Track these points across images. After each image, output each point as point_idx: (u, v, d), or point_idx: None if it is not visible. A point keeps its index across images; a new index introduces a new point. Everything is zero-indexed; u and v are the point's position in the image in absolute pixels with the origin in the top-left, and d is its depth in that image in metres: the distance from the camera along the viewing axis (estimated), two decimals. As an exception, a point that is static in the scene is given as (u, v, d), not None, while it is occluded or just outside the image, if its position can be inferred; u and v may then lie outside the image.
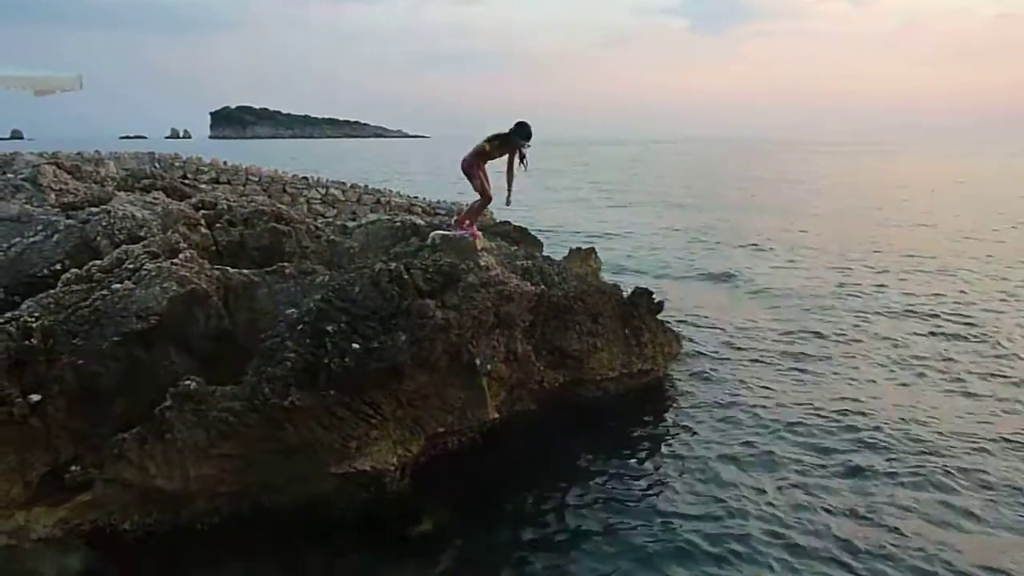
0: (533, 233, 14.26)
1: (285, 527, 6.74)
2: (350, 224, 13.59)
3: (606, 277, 14.49)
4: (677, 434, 9.33)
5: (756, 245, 24.72)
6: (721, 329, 13.94)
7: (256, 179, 22.73)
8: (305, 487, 7.11)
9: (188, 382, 6.89)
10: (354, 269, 8.63)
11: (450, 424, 7.81)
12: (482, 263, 8.44)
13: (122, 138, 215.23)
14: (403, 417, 7.51)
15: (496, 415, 8.14)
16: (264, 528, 6.75)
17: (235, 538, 6.67)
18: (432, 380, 7.59)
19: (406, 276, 7.92)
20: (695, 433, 9.31)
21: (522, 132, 8.57)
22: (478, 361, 7.73)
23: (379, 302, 7.64)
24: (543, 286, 9.21)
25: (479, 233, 9.29)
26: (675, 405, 10.31)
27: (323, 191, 22.27)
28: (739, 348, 12.80)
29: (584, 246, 15.96)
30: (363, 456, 7.15)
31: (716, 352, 12.55)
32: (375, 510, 7.16)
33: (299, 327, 7.45)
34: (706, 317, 14.87)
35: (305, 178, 23.31)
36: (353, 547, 6.71)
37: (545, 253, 12.36)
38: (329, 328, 7.37)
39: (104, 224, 9.54)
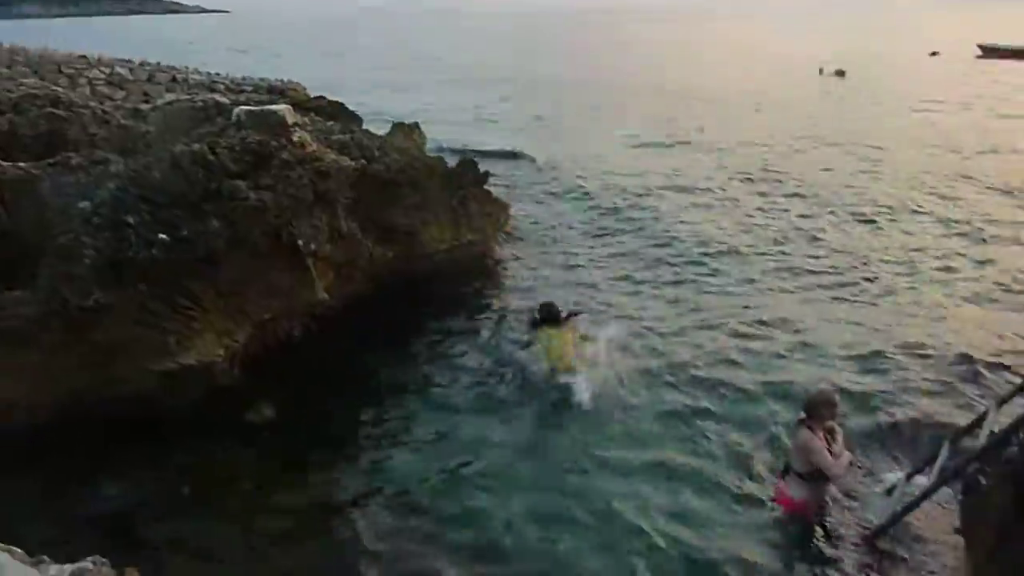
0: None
1: (111, 429, 6.29)
2: (143, 107, 12.31)
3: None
4: (508, 303, 9.59)
5: (594, 117, 25.08)
6: (542, 203, 14.30)
7: (22, 59, 19.81)
8: (127, 387, 6.70)
9: (-34, 290, 6.15)
10: (152, 154, 7.88)
11: (278, 310, 7.58)
12: (295, 139, 7.97)
13: None
14: (225, 307, 7.17)
15: (326, 296, 7.97)
16: (89, 432, 6.26)
17: (57, 444, 6.12)
18: (253, 265, 7.25)
19: (211, 157, 7.34)
20: (525, 297, 9.66)
21: None
22: (301, 242, 7.45)
23: (183, 187, 7.07)
24: (363, 161, 8.90)
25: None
26: (506, 273, 10.58)
27: (107, 71, 19.84)
28: (562, 216, 13.25)
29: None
30: (186, 351, 6.81)
31: (542, 221, 12.94)
32: (207, 403, 6.91)
33: (95, 221, 6.78)
34: (531, 190, 15.16)
35: (84, 56, 20.63)
36: (186, 441, 6.45)
37: (364, 127, 11.86)
38: (130, 219, 6.76)
39: None
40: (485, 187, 10.99)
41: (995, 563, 4.41)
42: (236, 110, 8.47)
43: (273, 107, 8.40)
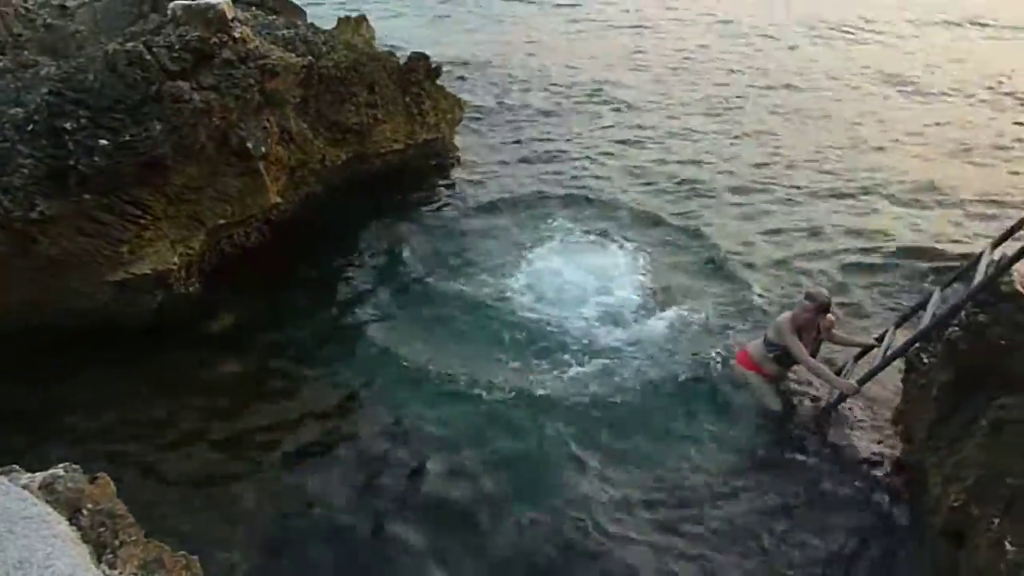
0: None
1: (70, 340, 6.23)
2: (69, 3, 11.51)
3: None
4: (466, 201, 9.52)
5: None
6: (497, 86, 13.96)
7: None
8: (81, 300, 6.61)
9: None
10: (84, 56, 7.45)
11: (231, 215, 7.43)
12: (236, 35, 7.57)
13: None
14: (177, 214, 7.02)
15: (279, 200, 7.83)
16: (49, 344, 6.19)
17: (16, 357, 5.97)
18: (202, 170, 7.05)
19: (148, 56, 6.96)
20: (481, 189, 9.63)
21: None
22: (250, 144, 7.22)
23: (121, 89, 6.74)
24: (310, 57, 8.53)
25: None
26: (462, 171, 10.45)
27: (28, -36, 18.39)
28: (515, 105, 13.01)
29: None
30: (139, 260, 6.70)
31: (496, 110, 12.70)
32: (165, 313, 6.88)
33: (29, 128, 6.47)
34: (483, 75, 14.76)
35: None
36: (147, 351, 6.44)
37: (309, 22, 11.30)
38: (67, 125, 6.46)
39: None
40: (438, 82, 10.66)
41: (934, 439, 4.73)
42: (171, 5, 7.95)
43: (211, 0, 7.93)
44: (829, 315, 5.83)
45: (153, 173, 6.65)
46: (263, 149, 7.43)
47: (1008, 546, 3.60)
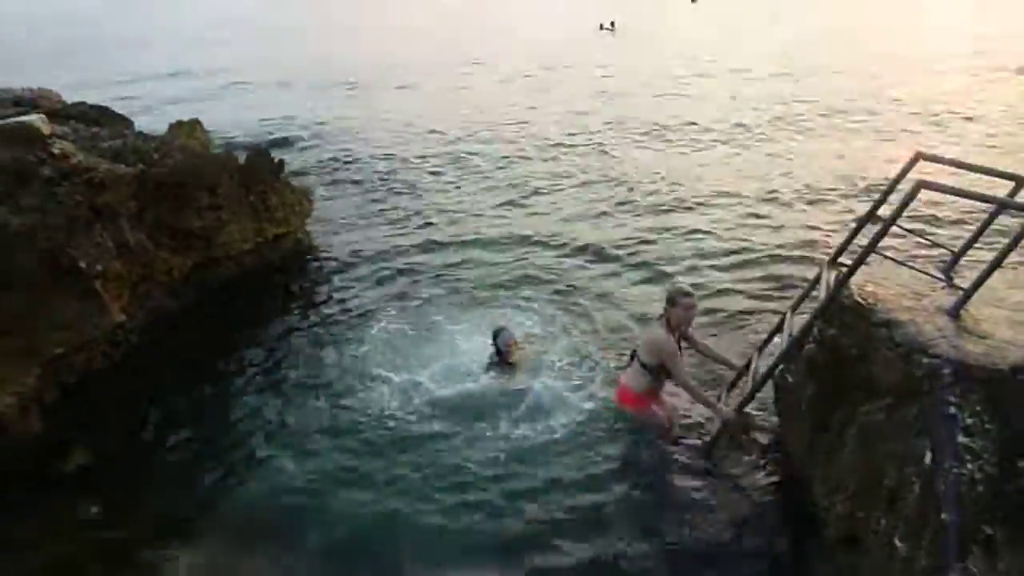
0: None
1: None
2: None
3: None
4: (323, 295, 9.27)
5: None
6: (337, 182, 13.99)
7: None
8: None
9: None
10: None
11: (70, 342, 6.82)
12: (56, 151, 7.14)
13: None
14: (7, 348, 6.36)
15: (123, 317, 7.30)
16: None
17: None
18: (31, 298, 6.47)
19: (-44, 183, 6.42)
20: (340, 278, 9.47)
21: None
22: (83, 264, 6.73)
23: (-73, 222, 6.14)
24: (142, 165, 8.16)
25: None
26: (317, 263, 10.23)
27: None
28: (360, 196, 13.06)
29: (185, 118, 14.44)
30: (-36, 406, 5.98)
31: (344, 200, 12.71)
32: (7, 460, 6.09)
33: None
34: (325, 169, 14.78)
35: None
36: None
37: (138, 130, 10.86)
38: None
39: None
40: (282, 176, 10.48)
41: (812, 452, 4.95)
42: (-24, 126, 7.43)
43: (23, 119, 7.45)
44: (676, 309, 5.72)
45: (-27, 308, 6.04)
46: (98, 267, 6.94)
47: (898, 543, 3.77)
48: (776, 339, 5.93)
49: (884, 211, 5.00)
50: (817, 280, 5.52)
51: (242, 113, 21.14)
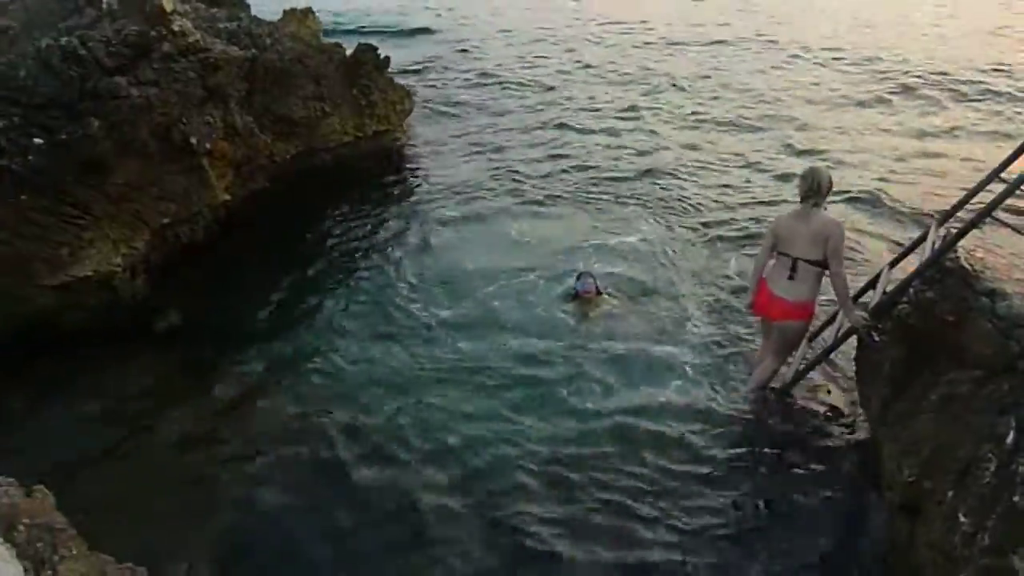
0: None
1: (13, 347, 5.94)
2: (-1, -3, 11.03)
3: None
4: (415, 193, 9.41)
5: None
6: (449, 78, 13.88)
7: None
8: (20, 306, 6.33)
9: None
10: (15, 53, 7.14)
11: (175, 213, 7.21)
12: (176, 28, 7.35)
13: None
14: (119, 213, 6.78)
15: (227, 197, 7.63)
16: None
17: None
18: (144, 168, 6.83)
19: (84, 52, 6.72)
20: (433, 181, 9.52)
21: None
22: (193, 140, 7.02)
23: (56, 86, 6.49)
24: (254, 50, 8.33)
25: None
26: (413, 163, 10.33)
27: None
28: (467, 101, 12.91)
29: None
30: (80, 263, 6.45)
31: (448, 100, 12.61)
32: (111, 316, 6.61)
33: (-43, 127, 6.18)
34: (433, 69, 14.66)
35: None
36: (88, 355, 6.12)
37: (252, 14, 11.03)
38: (-1, 124, 6.20)
39: None
40: (386, 73, 10.53)
41: (887, 415, 4.79)
42: (105, -2, 7.71)
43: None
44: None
45: (92, 172, 6.42)
46: (207, 145, 7.23)
47: (962, 518, 3.66)
48: (868, 294, 5.69)
49: (1009, 174, 4.64)
50: (923, 238, 5.21)
51: (357, 2, 21.09)
